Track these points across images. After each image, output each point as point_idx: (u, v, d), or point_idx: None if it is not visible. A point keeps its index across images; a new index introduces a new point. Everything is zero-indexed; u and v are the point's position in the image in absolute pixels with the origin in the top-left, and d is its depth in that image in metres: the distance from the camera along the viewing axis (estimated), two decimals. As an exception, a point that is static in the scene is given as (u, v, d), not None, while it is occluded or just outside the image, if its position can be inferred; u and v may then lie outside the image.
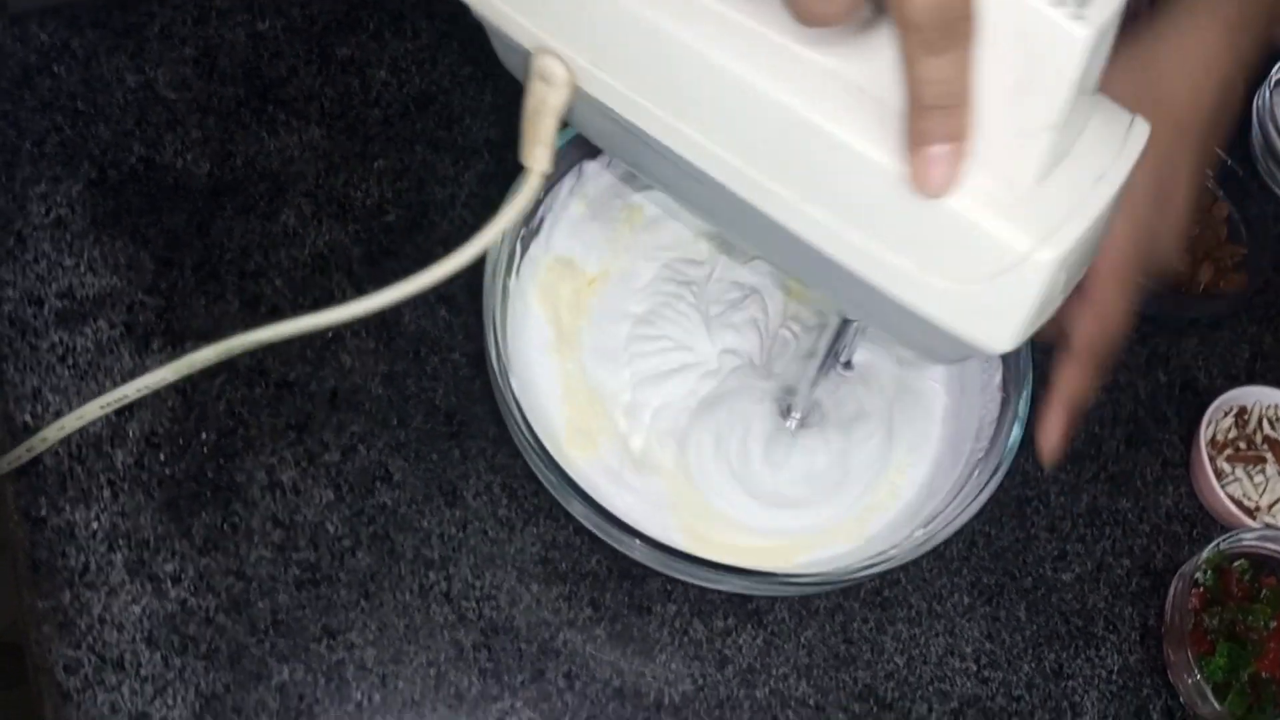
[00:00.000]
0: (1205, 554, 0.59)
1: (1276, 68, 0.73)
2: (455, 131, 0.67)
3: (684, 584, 0.59)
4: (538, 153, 0.45)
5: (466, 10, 0.45)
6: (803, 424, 0.60)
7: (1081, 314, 0.53)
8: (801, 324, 0.62)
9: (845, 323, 0.52)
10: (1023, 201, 0.37)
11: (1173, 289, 0.66)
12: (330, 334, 0.61)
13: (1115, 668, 0.61)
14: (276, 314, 0.60)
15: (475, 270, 0.64)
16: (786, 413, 0.60)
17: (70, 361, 0.58)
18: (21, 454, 0.53)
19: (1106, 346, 0.54)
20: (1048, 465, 0.55)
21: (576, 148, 0.60)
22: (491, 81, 0.69)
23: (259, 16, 0.67)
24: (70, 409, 0.56)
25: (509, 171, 0.67)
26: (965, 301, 0.38)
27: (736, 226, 0.45)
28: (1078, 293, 0.54)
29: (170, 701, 0.53)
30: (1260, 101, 0.72)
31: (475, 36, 0.70)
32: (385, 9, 0.69)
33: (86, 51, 0.65)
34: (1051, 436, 0.55)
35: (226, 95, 0.65)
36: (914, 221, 0.38)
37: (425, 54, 0.69)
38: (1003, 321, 0.39)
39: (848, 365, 0.60)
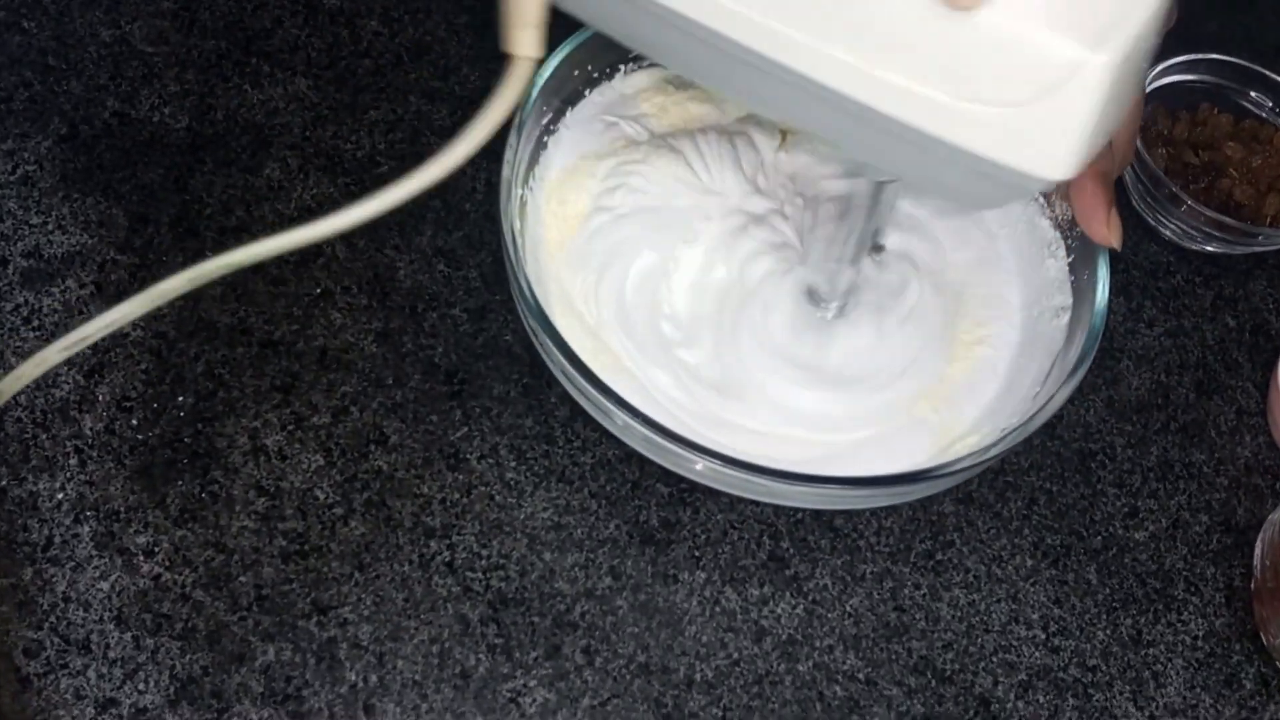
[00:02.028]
0: (1296, 500, 0.53)
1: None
2: (451, 81, 0.63)
3: (714, 549, 0.53)
4: (524, 37, 0.40)
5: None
6: (840, 314, 0.54)
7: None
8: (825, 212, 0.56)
9: (876, 188, 0.46)
10: (1065, 5, 0.32)
11: (1236, 224, 0.60)
12: (319, 289, 0.56)
13: (1200, 633, 0.55)
14: (260, 271, 0.56)
15: (475, 221, 0.59)
16: (819, 304, 0.54)
17: (35, 323, 0.53)
18: None
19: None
20: (1116, 245, 0.47)
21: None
22: (490, 31, 0.64)
23: (241, -31, 0.63)
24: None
25: (510, 121, 0.62)
26: (1013, 127, 0.33)
27: (751, 87, 0.40)
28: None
29: (142, 686, 0.47)
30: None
31: (472, -15, 0.66)
32: (376, -41, 0.65)
33: (59, 7, 0.61)
34: (1101, 214, 0.46)
35: (207, 48, 0.61)
36: (947, 46, 0.33)
37: (419, 3, 0.64)
38: (1058, 144, 0.34)
39: (879, 249, 0.54)
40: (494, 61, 0.63)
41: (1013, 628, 0.53)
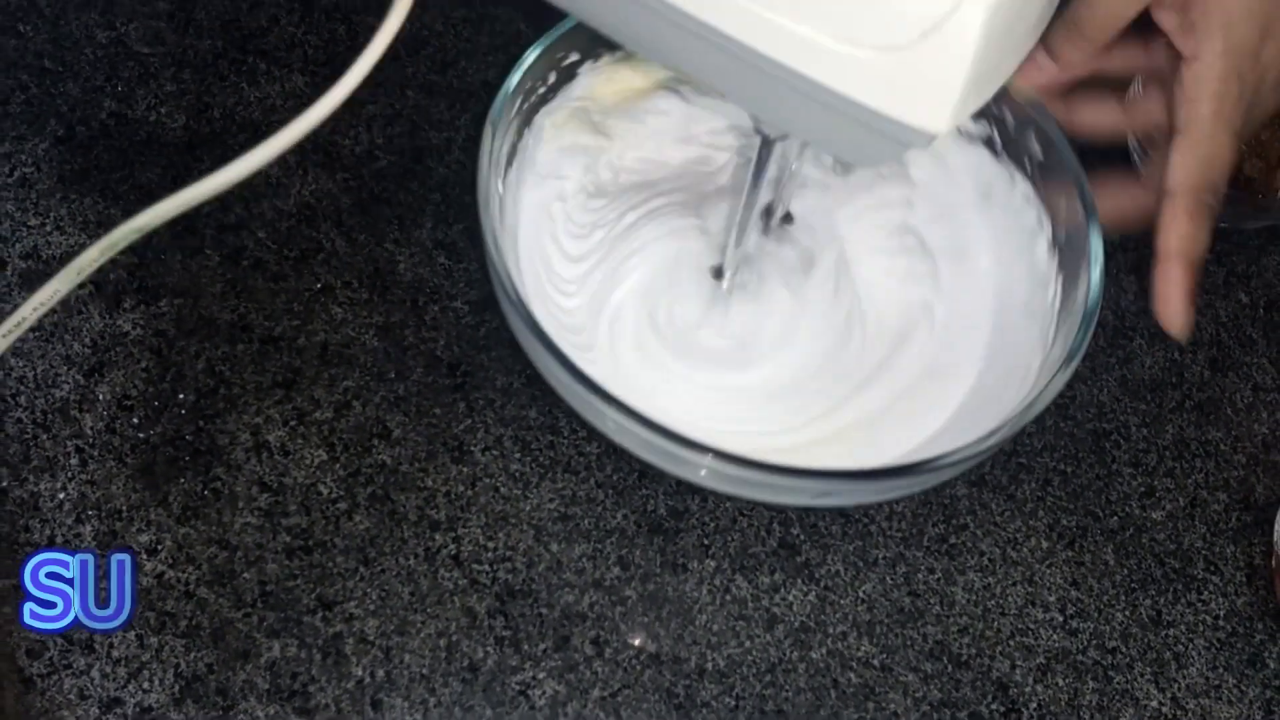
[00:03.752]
0: (1316, 473, 0.52)
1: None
2: (450, 75, 0.62)
3: (723, 537, 0.52)
4: None
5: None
6: (738, 286, 0.51)
7: (1180, 153, 0.47)
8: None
9: (765, 145, 0.45)
10: None
11: (1248, 197, 0.59)
12: (319, 284, 0.55)
13: (1221, 612, 0.54)
14: (260, 267, 0.55)
15: (475, 214, 0.58)
16: (718, 275, 0.51)
17: (34, 324, 0.52)
18: None
19: (1212, 190, 0.47)
20: (1182, 338, 0.47)
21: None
22: (488, 24, 0.64)
23: (237, -31, 0.63)
24: (35, 372, 0.51)
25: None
26: (891, 73, 0.33)
27: (634, 28, 0.39)
28: (1175, 132, 0.47)
29: (146, 685, 0.46)
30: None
31: (468, -22, 0.66)
32: (371, -45, 0.65)
33: (54, 10, 0.61)
34: (1174, 302, 0.47)
35: (203, 48, 0.61)
36: None
37: (415, -2, 0.64)
38: (934, 93, 0.33)
39: (787, 218, 0.52)
40: (491, 54, 0.63)
41: (1029, 611, 0.53)
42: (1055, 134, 0.51)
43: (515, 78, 0.49)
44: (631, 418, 0.43)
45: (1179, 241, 0.47)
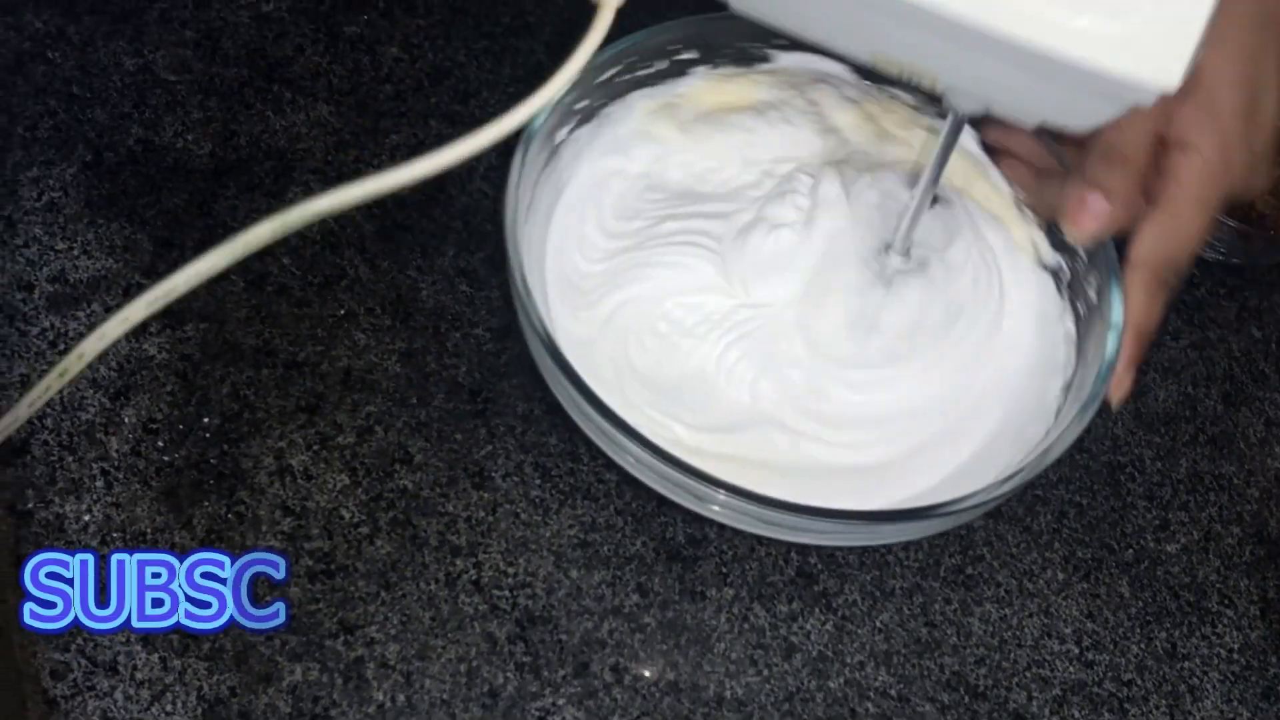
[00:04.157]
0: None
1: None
2: (471, 105, 0.63)
3: (740, 565, 0.52)
4: None
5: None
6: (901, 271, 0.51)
7: (1152, 226, 0.47)
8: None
9: (955, 126, 0.44)
10: None
11: (1259, 232, 0.60)
12: (342, 310, 0.56)
13: (1236, 646, 0.54)
14: (284, 293, 0.56)
15: (497, 242, 0.59)
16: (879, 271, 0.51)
17: (61, 347, 0.53)
18: (52, 382, 0.42)
19: (1175, 270, 0.48)
20: (1116, 404, 0.48)
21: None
22: (509, 56, 0.65)
23: (263, -1, 0.64)
24: (62, 395, 0.52)
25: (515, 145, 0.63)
26: (1124, 34, 0.33)
27: (842, 20, 0.39)
28: (1152, 204, 0.47)
29: (169, 707, 0.47)
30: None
31: (490, 11, 0.66)
32: (395, -13, 0.66)
33: (83, 37, 0.61)
34: (1119, 370, 0.47)
35: (229, 76, 0.62)
36: None
37: (438, 30, 0.65)
38: (1168, 50, 0.33)
39: (934, 200, 0.52)
40: (512, 85, 0.64)
41: (1045, 642, 0.53)
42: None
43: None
44: (649, 450, 0.43)
45: (1133, 313, 0.48)
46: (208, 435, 0.52)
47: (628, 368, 0.51)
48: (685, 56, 0.55)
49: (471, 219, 0.59)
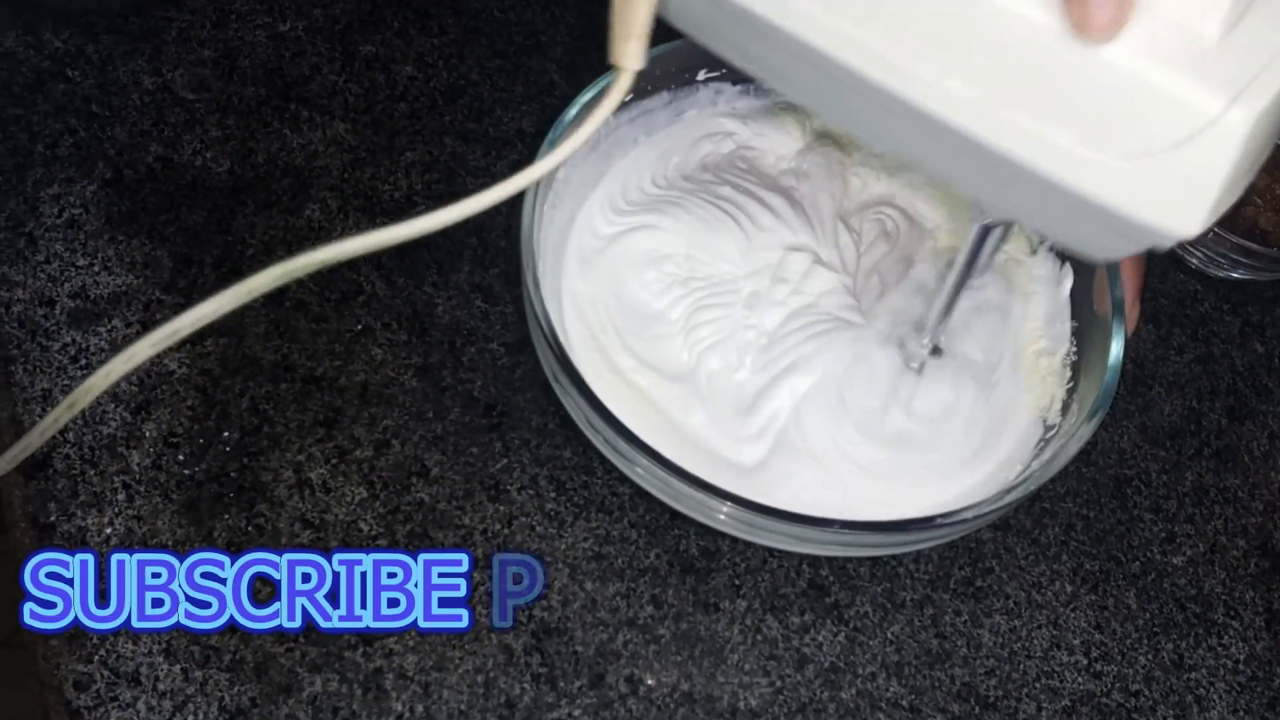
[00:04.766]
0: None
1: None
2: (485, 123, 0.64)
3: (753, 577, 0.53)
4: (629, 48, 0.39)
5: (494, 4, 0.41)
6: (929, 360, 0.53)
7: None
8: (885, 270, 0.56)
9: (985, 231, 0.45)
10: (1207, 54, 0.30)
11: (1263, 249, 0.61)
12: (359, 326, 0.57)
13: (1242, 656, 0.55)
14: (302, 309, 0.57)
15: (511, 258, 0.60)
16: (904, 350, 0.52)
17: (83, 362, 0.54)
18: (61, 413, 0.44)
19: None
20: (1131, 331, 0.50)
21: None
22: (522, 74, 0.66)
23: (279, 18, 0.65)
24: (83, 409, 0.52)
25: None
26: (1143, 178, 0.32)
27: (864, 118, 0.39)
28: None
29: (191, 718, 0.47)
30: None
31: (504, 30, 0.67)
32: (410, 7, 0.66)
33: (102, 56, 0.62)
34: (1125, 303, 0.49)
35: (247, 95, 0.63)
36: (1077, 85, 0.31)
37: (452, 49, 0.66)
38: (1188, 199, 0.32)
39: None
40: (526, 103, 0.65)
41: (1054, 654, 0.53)
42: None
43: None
44: (655, 461, 0.44)
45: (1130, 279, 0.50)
46: (227, 449, 0.53)
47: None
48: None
49: (486, 235, 0.60)
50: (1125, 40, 0.31)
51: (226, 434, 0.53)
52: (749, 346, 0.52)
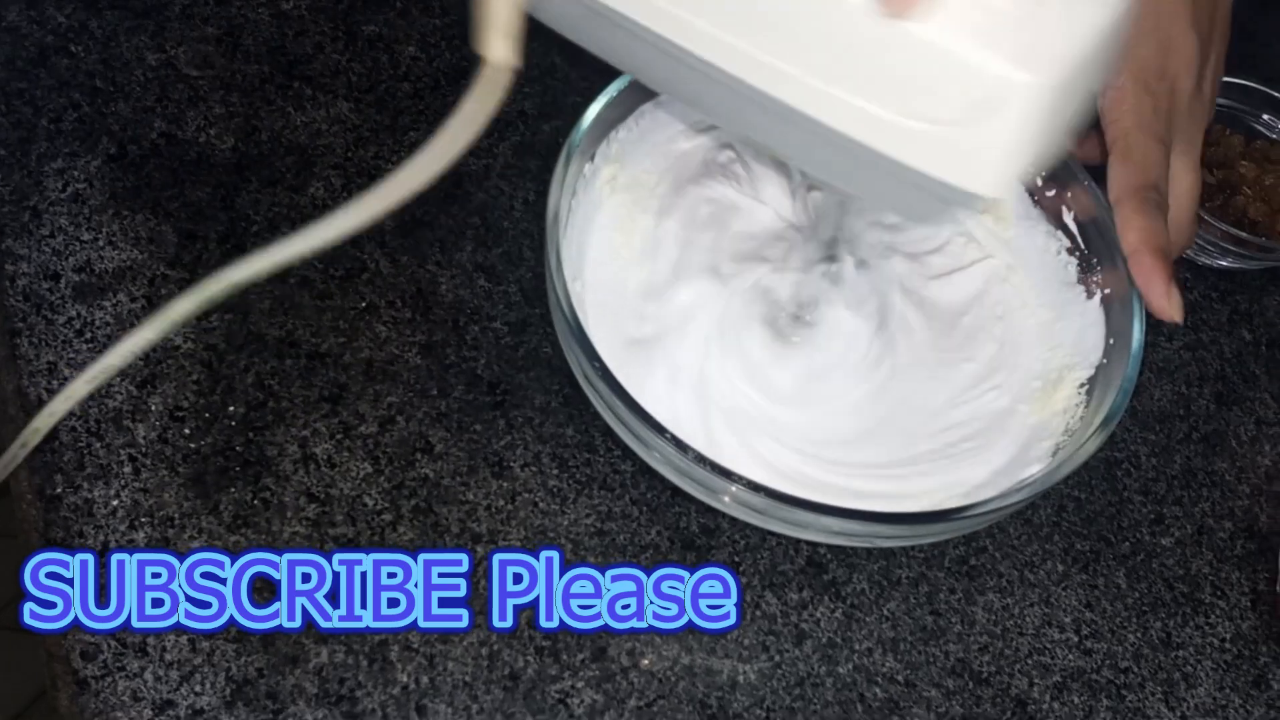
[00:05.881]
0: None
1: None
2: (488, 104, 0.64)
3: (752, 555, 0.54)
4: (495, 43, 0.38)
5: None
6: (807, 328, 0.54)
7: (1115, 166, 0.52)
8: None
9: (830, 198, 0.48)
10: (1004, 25, 0.33)
11: (1252, 239, 0.62)
12: (364, 303, 0.57)
13: (1228, 635, 0.56)
14: (306, 285, 0.57)
15: (514, 238, 0.60)
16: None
17: (88, 335, 0.54)
18: (16, 452, 0.48)
19: (1153, 188, 0.51)
20: (1177, 318, 0.51)
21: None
22: (522, 55, 0.66)
23: (283, -3, 0.65)
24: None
25: (546, 142, 0.64)
26: (948, 141, 0.35)
27: (706, 99, 0.41)
28: (1110, 152, 0.52)
29: (198, 688, 0.48)
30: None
31: (505, 12, 0.68)
32: (412, -13, 0.67)
33: (105, 32, 0.62)
34: (1158, 286, 0.50)
35: (250, 72, 0.63)
36: (886, 58, 0.34)
37: (455, 30, 0.66)
38: (990, 160, 0.35)
39: (862, 263, 0.55)
40: (528, 85, 0.65)
41: (1046, 631, 0.55)
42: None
43: None
44: (667, 441, 0.45)
45: (1138, 234, 0.51)
46: (233, 423, 0.53)
47: None
48: None
49: (489, 215, 0.61)
50: (929, 15, 0.33)
51: (232, 409, 0.54)
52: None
